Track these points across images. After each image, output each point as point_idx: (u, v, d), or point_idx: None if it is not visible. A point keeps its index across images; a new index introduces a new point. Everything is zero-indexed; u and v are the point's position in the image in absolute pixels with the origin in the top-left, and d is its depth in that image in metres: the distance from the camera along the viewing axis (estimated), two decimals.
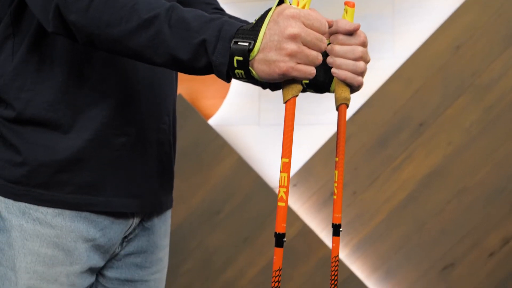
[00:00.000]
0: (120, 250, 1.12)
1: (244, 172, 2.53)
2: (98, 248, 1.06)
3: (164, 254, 1.21)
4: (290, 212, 2.49)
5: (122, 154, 1.05)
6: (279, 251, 0.88)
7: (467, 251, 2.39)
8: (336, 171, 1.02)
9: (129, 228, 1.10)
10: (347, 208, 2.47)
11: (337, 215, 1.01)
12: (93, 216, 1.03)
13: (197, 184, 2.57)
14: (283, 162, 0.87)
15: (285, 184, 0.87)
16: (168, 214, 1.22)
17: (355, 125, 2.47)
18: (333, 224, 1.01)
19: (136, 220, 1.11)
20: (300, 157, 2.51)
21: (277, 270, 0.87)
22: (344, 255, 2.47)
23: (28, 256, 0.98)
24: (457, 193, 2.40)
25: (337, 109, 1.02)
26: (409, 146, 2.43)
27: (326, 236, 2.49)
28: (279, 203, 0.87)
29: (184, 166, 2.56)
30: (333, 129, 2.47)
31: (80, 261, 1.03)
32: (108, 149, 1.03)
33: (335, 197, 1.01)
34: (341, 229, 1.00)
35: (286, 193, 0.87)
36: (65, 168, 1.00)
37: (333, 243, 1.00)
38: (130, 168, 1.07)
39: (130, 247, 1.14)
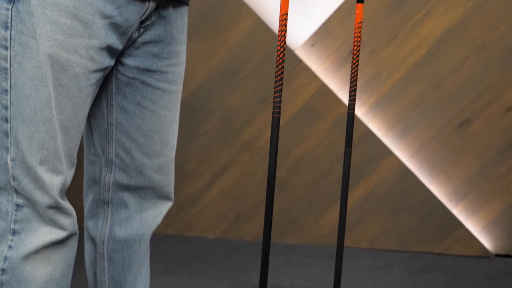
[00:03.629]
0: (138, 37, 1.15)
1: (262, 32, 2.54)
2: (115, 27, 1.09)
3: (181, 49, 1.24)
4: (309, 72, 2.50)
5: None
6: None
7: (483, 106, 2.40)
8: None
9: (145, 12, 1.13)
10: (365, 67, 2.48)
11: None
12: None
13: (216, 45, 2.59)
14: None
15: None
16: (185, 11, 1.24)
17: None
18: None
19: (152, 4, 1.13)
20: (317, 17, 2.50)
21: (284, 14, 0.92)
22: (361, 113, 2.50)
23: (48, 25, 1.01)
24: (475, 49, 2.39)
25: None
26: (428, 2, 2.41)
27: (343, 95, 2.51)
28: None
29: (202, 27, 2.57)
30: None
31: (98, 36, 1.06)
32: None
33: None
34: None
35: None
36: None
37: (356, 9, 1.03)
38: None
39: (147, 35, 1.17)
